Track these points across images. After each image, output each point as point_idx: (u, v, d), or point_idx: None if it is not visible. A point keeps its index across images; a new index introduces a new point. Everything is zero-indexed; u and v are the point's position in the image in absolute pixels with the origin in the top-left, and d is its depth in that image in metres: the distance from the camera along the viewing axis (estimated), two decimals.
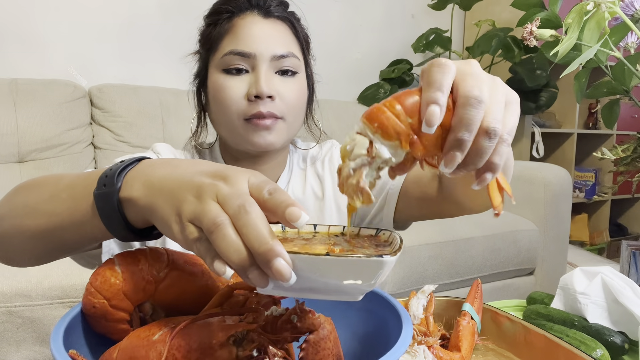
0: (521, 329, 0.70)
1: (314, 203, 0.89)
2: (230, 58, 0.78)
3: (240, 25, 0.79)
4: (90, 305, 0.49)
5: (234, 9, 0.81)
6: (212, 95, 0.80)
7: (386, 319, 0.53)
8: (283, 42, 0.80)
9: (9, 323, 1.23)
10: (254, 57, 0.78)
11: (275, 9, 0.82)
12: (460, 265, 1.82)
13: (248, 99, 0.77)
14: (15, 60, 1.99)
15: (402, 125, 0.41)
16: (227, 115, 0.78)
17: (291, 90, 0.80)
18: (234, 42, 0.79)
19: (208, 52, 0.82)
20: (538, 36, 0.80)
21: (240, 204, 0.38)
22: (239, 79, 0.78)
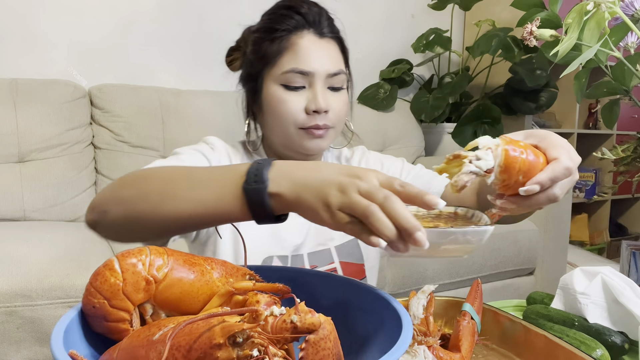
0: (521, 329, 0.70)
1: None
2: (292, 76, 0.86)
3: (300, 45, 0.87)
4: (90, 305, 0.49)
5: (291, 28, 0.88)
6: (270, 106, 0.88)
7: (386, 319, 0.53)
8: (334, 61, 0.89)
9: (9, 323, 1.23)
10: (312, 74, 0.86)
11: (327, 29, 0.90)
12: (460, 265, 1.82)
13: (306, 112, 0.86)
14: (15, 60, 1.99)
15: (516, 177, 0.57)
16: (284, 125, 0.87)
17: (340, 104, 0.89)
18: (295, 61, 0.86)
19: (264, 65, 0.89)
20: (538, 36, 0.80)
21: (384, 195, 0.50)
22: (297, 94, 0.87)
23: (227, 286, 0.53)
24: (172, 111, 2.05)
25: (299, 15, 0.88)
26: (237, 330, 0.39)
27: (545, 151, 0.60)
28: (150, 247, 0.53)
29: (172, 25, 2.26)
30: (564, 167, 0.58)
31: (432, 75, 2.81)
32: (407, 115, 2.60)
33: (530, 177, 0.57)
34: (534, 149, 0.59)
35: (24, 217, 1.77)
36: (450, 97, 2.56)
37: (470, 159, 0.55)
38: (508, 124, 2.59)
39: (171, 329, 0.42)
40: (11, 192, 1.75)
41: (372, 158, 1.04)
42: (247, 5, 2.38)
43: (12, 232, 1.55)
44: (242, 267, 0.57)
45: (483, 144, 0.56)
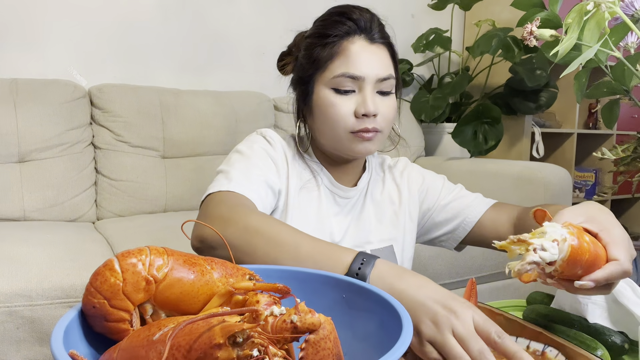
0: (517, 326, 0.70)
1: (389, 207, 1.03)
2: (342, 80, 0.88)
3: (351, 50, 0.89)
4: (90, 305, 0.49)
5: (343, 33, 0.90)
6: (320, 109, 0.91)
7: (386, 319, 0.52)
8: (384, 66, 0.91)
9: (9, 323, 1.23)
10: (363, 79, 0.88)
11: (377, 35, 0.92)
12: (460, 266, 1.82)
13: (356, 115, 0.89)
14: (15, 60, 1.99)
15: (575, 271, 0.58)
16: (334, 128, 0.90)
17: (389, 107, 0.92)
18: (345, 65, 0.89)
19: (316, 70, 0.91)
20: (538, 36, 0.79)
21: (479, 349, 0.51)
22: (347, 98, 0.89)
23: (227, 286, 0.53)
24: (172, 111, 2.05)
25: (350, 21, 0.91)
26: (237, 330, 0.39)
27: (605, 245, 0.61)
28: (150, 247, 0.53)
29: (172, 25, 2.26)
30: (623, 270, 0.59)
31: (432, 75, 2.81)
32: (407, 115, 2.60)
33: (589, 272, 0.58)
34: (597, 244, 0.60)
35: (24, 217, 1.77)
36: (450, 97, 2.56)
37: (535, 248, 0.55)
38: (508, 124, 2.59)
39: (171, 329, 0.42)
40: (11, 192, 1.75)
41: (415, 172, 1.07)
42: (247, 5, 2.38)
43: (12, 232, 1.55)
44: (242, 267, 0.57)
45: (550, 234, 0.56)
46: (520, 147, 2.68)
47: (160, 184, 2.00)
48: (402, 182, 1.05)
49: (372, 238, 0.99)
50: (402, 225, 1.02)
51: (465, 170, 2.26)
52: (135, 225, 1.76)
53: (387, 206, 1.03)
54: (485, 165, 2.21)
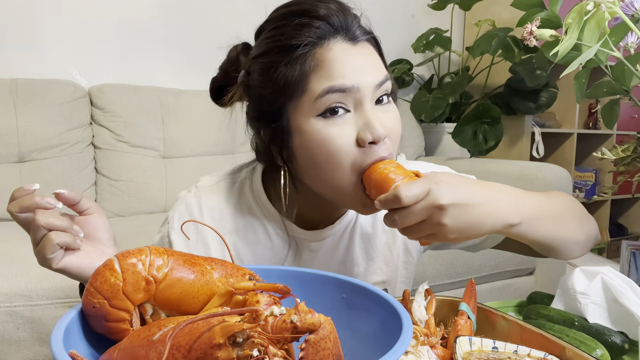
0: (516, 327, 0.70)
1: (382, 237, 0.84)
2: (327, 98, 0.64)
3: (330, 58, 0.65)
4: (90, 305, 0.49)
5: (314, 39, 0.66)
6: (309, 150, 0.66)
7: (386, 319, 0.52)
8: (377, 68, 0.69)
9: (9, 323, 1.23)
10: (357, 90, 0.65)
11: (359, 31, 0.69)
12: (460, 265, 1.82)
13: (360, 144, 0.65)
14: (15, 60, 1.99)
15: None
16: (339, 172, 0.65)
17: (393, 120, 0.69)
18: (328, 79, 0.64)
19: (288, 98, 0.66)
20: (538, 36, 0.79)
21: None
22: (342, 122, 0.65)
23: (227, 286, 0.53)
24: (172, 111, 2.05)
25: (319, 21, 0.66)
26: (237, 330, 0.39)
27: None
28: (150, 247, 0.53)
29: (172, 25, 2.26)
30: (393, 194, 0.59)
31: (432, 75, 2.81)
32: (407, 115, 2.60)
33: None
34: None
35: None
36: (450, 97, 2.56)
37: None
38: (508, 124, 2.59)
39: (171, 329, 0.42)
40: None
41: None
42: (247, 5, 2.38)
43: (12, 232, 1.55)
44: (242, 267, 0.57)
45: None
46: (520, 147, 2.68)
47: (160, 184, 2.00)
48: None
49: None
50: (395, 261, 0.86)
51: (465, 170, 2.24)
52: (135, 225, 1.76)
53: (380, 237, 0.84)
54: (485, 165, 2.21)
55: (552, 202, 0.72)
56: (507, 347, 0.64)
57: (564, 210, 0.74)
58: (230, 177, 0.82)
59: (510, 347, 0.64)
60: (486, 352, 0.63)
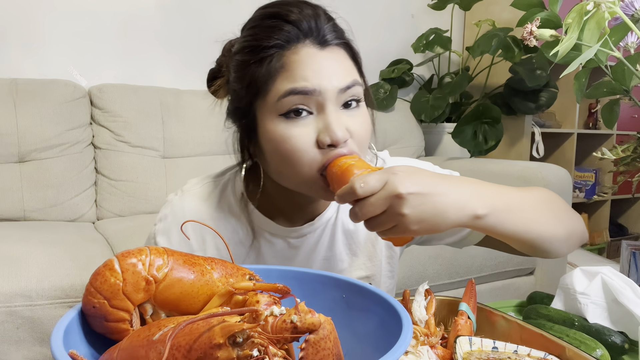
0: (517, 327, 0.70)
1: (363, 232, 0.85)
2: (289, 100, 0.66)
3: (295, 61, 0.67)
4: (90, 305, 0.49)
5: (283, 42, 0.68)
6: (272, 146, 0.69)
7: (386, 319, 0.53)
8: (345, 72, 0.70)
9: (9, 323, 1.23)
10: (318, 94, 0.67)
11: (330, 35, 0.70)
12: (460, 265, 1.82)
13: (320, 146, 0.67)
14: (15, 60, 1.99)
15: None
16: (297, 168, 0.68)
17: (361, 125, 0.70)
18: (291, 81, 0.67)
19: (254, 96, 0.70)
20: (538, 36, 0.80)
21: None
22: (303, 124, 0.67)
23: (227, 286, 0.53)
24: (172, 111, 2.05)
25: (289, 25, 0.69)
26: (237, 330, 0.39)
27: None
28: (150, 247, 0.53)
29: (172, 25, 2.26)
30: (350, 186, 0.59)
31: (432, 75, 2.81)
32: (407, 115, 2.60)
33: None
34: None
35: (24, 217, 1.77)
36: (450, 97, 2.56)
37: None
38: (508, 124, 2.59)
39: (171, 329, 0.42)
40: (11, 192, 1.75)
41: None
42: (247, 5, 2.38)
43: (12, 232, 1.55)
44: (242, 267, 0.57)
45: None
46: (520, 147, 2.68)
47: (160, 184, 2.00)
48: None
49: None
50: (379, 256, 0.86)
51: (465, 170, 2.26)
52: (135, 225, 1.76)
53: (362, 233, 0.85)
54: (485, 165, 2.21)
55: (524, 195, 0.69)
56: (507, 347, 0.64)
57: (539, 204, 0.71)
58: (214, 179, 0.84)
59: (510, 347, 0.64)
60: (486, 352, 0.63)
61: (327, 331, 0.44)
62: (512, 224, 0.65)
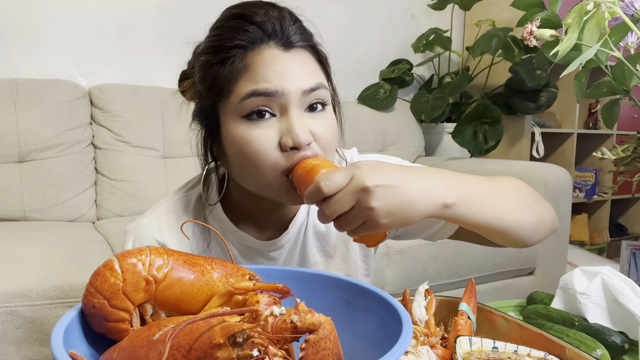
0: (516, 327, 0.71)
1: (336, 234, 0.84)
2: (251, 101, 0.66)
3: (258, 62, 0.67)
4: (90, 305, 0.49)
5: (246, 43, 0.68)
6: (234, 149, 0.68)
7: (386, 319, 0.53)
8: (309, 74, 0.69)
9: (9, 323, 1.23)
10: (281, 95, 0.66)
11: (294, 37, 0.69)
12: (460, 265, 1.82)
13: (282, 149, 0.66)
14: (15, 60, 1.99)
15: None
16: (259, 170, 0.67)
17: (325, 128, 0.69)
18: (253, 82, 0.66)
19: (217, 96, 0.69)
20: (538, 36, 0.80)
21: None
22: (265, 126, 0.66)
23: (227, 286, 0.53)
24: (172, 111, 2.05)
25: (253, 26, 0.68)
26: (237, 330, 0.39)
27: None
28: (150, 247, 0.53)
29: (173, 25, 2.26)
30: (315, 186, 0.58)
31: (432, 75, 2.81)
32: (407, 115, 2.60)
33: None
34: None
35: (24, 217, 1.77)
36: (450, 97, 2.56)
37: None
38: (508, 124, 2.59)
39: (171, 329, 0.42)
40: (11, 192, 1.75)
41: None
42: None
43: (12, 232, 1.55)
44: (242, 267, 0.57)
45: None
46: (520, 147, 2.68)
47: (160, 184, 2.00)
48: None
49: None
50: (353, 256, 0.85)
51: (465, 170, 2.25)
52: None
53: (334, 235, 0.84)
54: (485, 165, 2.21)
55: (492, 184, 0.68)
56: (507, 347, 0.64)
57: (508, 192, 0.70)
58: (185, 195, 0.82)
59: (510, 347, 0.64)
60: (486, 352, 0.63)
61: (327, 331, 0.44)
62: (482, 212, 0.64)
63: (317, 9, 2.78)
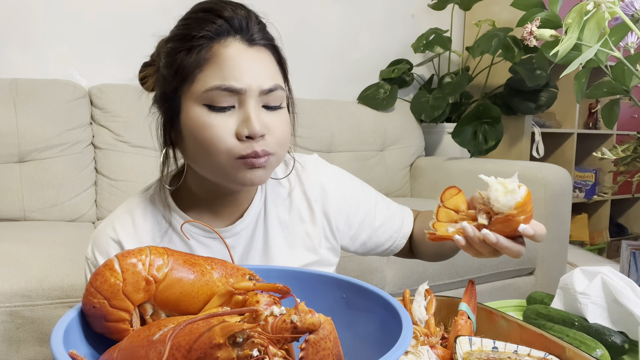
0: (516, 327, 0.71)
1: (300, 226, 0.87)
2: (217, 94, 0.71)
3: (225, 56, 0.71)
4: (90, 305, 0.49)
5: (213, 34, 0.72)
6: (192, 132, 0.73)
7: (386, 319, 0.53)
8: (269, 74, 0.74)
9: (9, 323, 1.23)
10: (244, 92, 0.71)
11: (258, 35, 0.75)
12: (460, 266, 1.82)
13: (238, 137, 0.71)
14: (15, 60, 1.99)
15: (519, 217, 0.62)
16: (213, 154, 0.72)
17: (280, 124, 0.75)
18: (220, 76, 0.71)
19: (182, 82, 0.73)
20: (538, 36, 0.80)
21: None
22: (226, 116, 0.72)
23: (227, 286, 0.53)
24: None
25: (221, 19, 0.73)
26: (237, 330, 0.39)
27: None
28: (150, 247, 0.53)
29: (172, 26, 2.26)
30: (545, 233, 0.65)
31: (432, 75, 2.81)
32: (407, 115, 2.60)
33: (528, 222, 0.63)
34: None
35: (24, 217, 1.77)
36: (450, 97, 2.56)
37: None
38: (508, 124, 2.59)
39: (171, 329, 0.42)
40: (11, 192, 1.75)
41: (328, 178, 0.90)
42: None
43: (12, 232, 1.55)
44: (242, 267, 0.57)
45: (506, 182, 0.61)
46: (520, 147, 2.68)
47: None
48: (312, 194, 0.88)
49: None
50: (317, 246, 0.88)
51: (465, 170, 2.26)
52: None
53: (297, 226, 0.87)
54: (485, 165, 2.21)
55: None
56: (507, 347, 0.64)
57: None
58: (140, 195, 0.85)
59: (510, 347, 0.64)
60: (486, 352, 0.63)
61: (327, 331, 0.44)
62: None
63: (317, 9, 2.78)
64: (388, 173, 2.47)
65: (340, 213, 0.90)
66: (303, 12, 2.50)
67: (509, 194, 0.60)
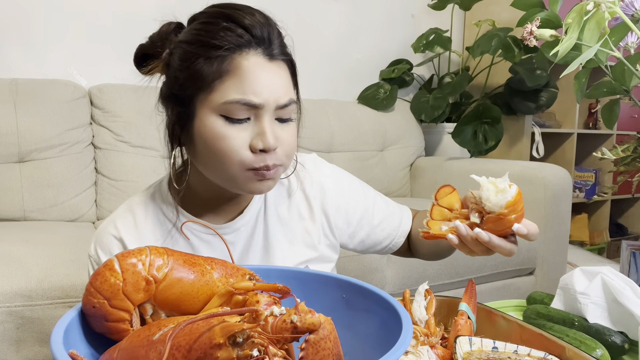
0: (516, 327, 0.71)
1: (299, 224, 0.88)
2: (235, 107, 0.71)
3: (245, 69, 0.71)
4: (90, 305, 0.49)
5: (234, 46, 0.72)
6: (206, 141, 0.73)
7: (386, 319, 0.53)
8: (285, 90, 0.75)
9: (9, 323, 1.23)
10: (262, 106, 0.72)
11: (278, 50, 0.75)
12: (460, 266, 1.82)
13: (252, 150, 0.72)
14: (15, 60, 1.99)
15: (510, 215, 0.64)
16: (226, 165, 0.73)
17: (289, 137, 0.76)
18: (240, 89, 0.71)
19: (199, 90, 0.73)
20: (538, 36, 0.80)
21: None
22: (241, 128, 0.72)
23: (227, 286, 0.53)
24: None
25: (242, 29, 0.73)
26: (237, 330, 0.39)
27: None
28: (150, 247, 0.53)
29: None
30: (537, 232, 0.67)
31: (432, 75, 2.81)
32: (407, 115, 2.60)
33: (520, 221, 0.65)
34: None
35: (24, 217, 1.77)
36: (450, 97, 2.56)
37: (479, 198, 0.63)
38: (508, 124, 2.59)
39: (171, 329, 0.42)
40: (11, 192, 1.75)
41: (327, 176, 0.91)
42: None
43: (12, 232, 1.55)
44: (242, 267, 0.57)
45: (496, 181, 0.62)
46: (520, 147, 2.68)
47: None
48: (312, 192, 0.89)
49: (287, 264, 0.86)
50: (316, 243, 0.89)
51: (465, 170, 2.26)
52: None
53: (297, 223, 0.88)
54: (485, 165, 2.21)
55: None
56: (507, 347, 0.64)
57: None
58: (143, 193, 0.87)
59: (510, 347, 0.64)
60: (486, 352, 0.63)
61: (327, 331, 0.44)
62: None
63: (317, 9, 2.78)
64: (388, 173, 2.47)
65: (339, 211, 0.90)
66: (303, 12, 2.50)
67: (500, 193, 0.61)
